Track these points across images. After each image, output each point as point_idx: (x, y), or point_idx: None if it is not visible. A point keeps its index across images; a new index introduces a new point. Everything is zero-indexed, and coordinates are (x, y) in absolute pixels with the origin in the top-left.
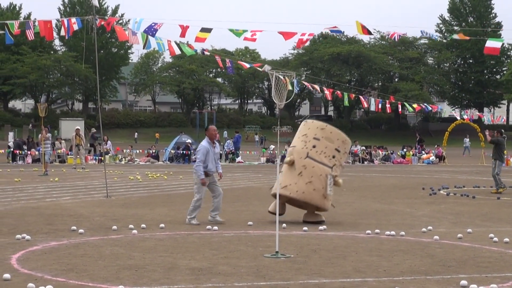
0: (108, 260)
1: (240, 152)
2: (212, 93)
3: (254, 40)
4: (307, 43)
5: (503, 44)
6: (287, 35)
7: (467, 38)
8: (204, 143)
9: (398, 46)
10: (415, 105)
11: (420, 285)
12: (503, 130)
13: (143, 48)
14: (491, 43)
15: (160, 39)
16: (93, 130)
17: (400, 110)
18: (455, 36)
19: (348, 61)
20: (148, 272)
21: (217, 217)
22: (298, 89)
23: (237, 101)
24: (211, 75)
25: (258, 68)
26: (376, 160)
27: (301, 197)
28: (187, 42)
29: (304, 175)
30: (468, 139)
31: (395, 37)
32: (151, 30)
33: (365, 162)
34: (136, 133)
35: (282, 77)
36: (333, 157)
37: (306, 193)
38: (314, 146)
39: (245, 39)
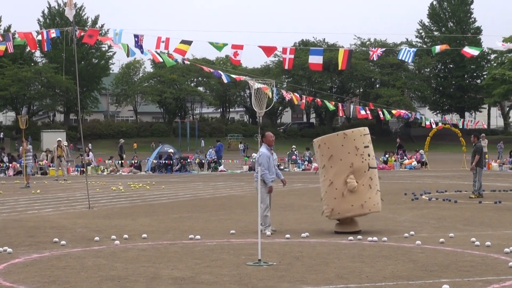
0: (90, 271)
1: (223, 160)
2: (194, 102)
3: (238, 62)
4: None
5: (482, 50)
6: (268, 51)
7: (448, 47)
8: (264, 149)
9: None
10: (394, 111)
11: None
12: (484, 134)
13: (127, 57)
14: (468, 50)
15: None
16: (122, 140)
17: (382, 116)
18: (437, 49)
19: (329, 68)
20: (131, 282)
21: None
22: (277, 97)
23: (219, 110)
24: (192, 84)
25: (241, 77)
26: None
27: (378, 208)
28: (168, 52)
29: (373, 187)
30: (502, 144)
31: (373, 57)
32: (138, 46)
33: None
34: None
35: (261, 85)
36: (368, 155)
37: (379, 203)
38: (369, 155)
39: (232, 60)
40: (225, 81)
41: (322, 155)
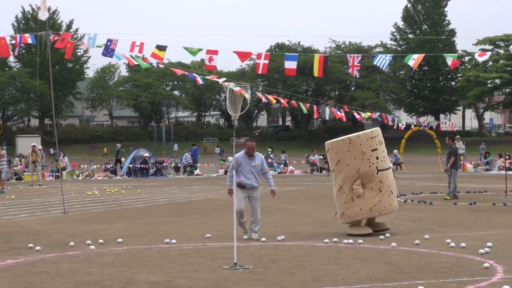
0: (66, 276)
1: (198, 164)
2: (169, 106)
3: (214, 68)
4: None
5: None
6: (243, 56)
7: (422, 57)
8: (238, 154)
9: (354, 54)
10: (368, 114)
11: None
12: (458, 136)
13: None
14: (449, 60)
15: (117, 55)
16: (119, 145)
17: (360, 116)
18: (411, 62)
19: (304, 71)
20: (106, 287)
21: (253, 234)
22: (251, 101)
23: (195, 114)
24: (168, 88)
25: (216, 79)
26: None
27: (389, 210)
28: (143, 55)
29: (384, 189)
30: (484, 146)
31: (355, 74)
32: (108, 51)
33: (323, 171)
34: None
35: (235, 89)
36: (387, 153)
37: (392, 205)
38: (377, 158)
39: (206, 66)
40: (200, 82)
41: (331, 159)
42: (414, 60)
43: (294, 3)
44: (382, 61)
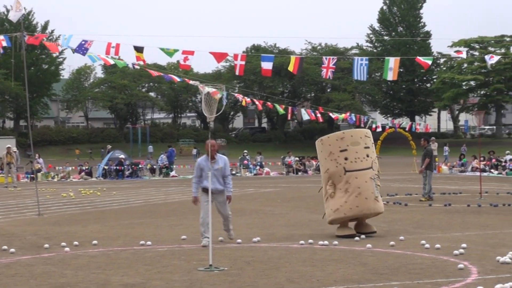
0: (40, 279)
1: (174, 166)
2: (145, 108)
3: (188, 67)
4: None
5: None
6: (219, 57)
7: (398, 61)
8: (200, 158)
9: (330, 56)
10: (343, 115)
11: None
12: (434, 138)
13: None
14: (422, 59)
15: (91, 56)
16: (109, 146)
17: (336, 115)
18: (390, 74)
19: (280, 73)
20: None
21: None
22: (225, 101)
23: (171, 115)
24: (143, 89)
25: (191, 82)
26: (309, 171)
27: (356, 212)
28: (119, 57)
29: (351, 190)
30: (447, 147)
31: (328, 75)
32: (81, 49)
33: (299, 173)
34: (77, 150)
35: (211, 90)
36: (367, 155)
37: (360, 206)
38: (346, 158)
39: (181, 66)
40: (177, 79)
41: (319, 160)
42: (391, 70)
43: (271, 5)
44: (360, 69)
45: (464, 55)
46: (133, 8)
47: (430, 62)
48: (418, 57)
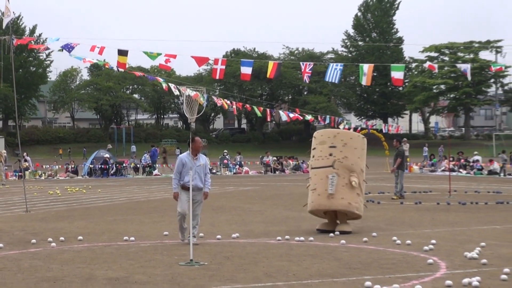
0: (27, 273)
1: (157, 165)
2: (129, 109)
3: (169, 68)
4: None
5: (405, 62)
6: (200, 61)
7: (372, 67)
8: (182, 154)
9: (307, 61)
10: (310, 116)
11: (327, 287)
12: (405, 139)
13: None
14: (395, 74)
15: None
16: (110, 146)
17: (311, 118)
18: (364, 80)
19: (259, 76)
20: (66, 283)
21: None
22: (206, 103)
23: (154, 116)
24: (128, 91)
25: (174, 89)
26: (287, 170)
27: (312, 207)
28: (104, 60)
29: (311, 186)
30: (427, 148)
31: (305, 79)
32: (67, 47)
33: (277, 172)
34: (61, 149)
35: (192, 93)
36: (330, 154)
37: (314, 202)
38: (313, 156)
39: (160, 66)
40: (160, 80)
41: None
42: (365, 75)
43: (250, 11)
44: (334, 73)
45: (436, 70)
46: (118, 14)
47: (402, 74)
48: (391, 64)
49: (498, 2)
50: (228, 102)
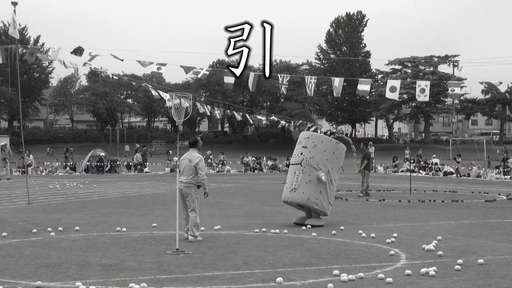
0: (28, 259)
1: (148, 163)
2: (123, 112)
3: (160, 74)
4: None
5: (372, 74)
6: (187, 69)
7: (342, 81)
8: (200, 155)
9: (283, 71)
10: (286, 121)
11: (299, 275)
12: (371, 142)
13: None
14: (362, 86)
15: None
16: (137, 145)
17: (288, 124)
18: (336, 91)
19: (241, 84)
20: (64, 269)
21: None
22: (190, 110)
23: (145, 119)
24: (122, 96)
25: (163, 95)
26: (265, 169)
27: (282, 198)
28: (101, 67)
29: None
30: (408, 151)
31: (282, 90)
32: (78, 51)
33: (256, 171)
34: (48, 148)
35: (180, 100)
36: (301, 153)
37: (283, 194)
38: (294, 154)
39: (152, 72)
40: (150, 87)
41: None
42: (336, 87)
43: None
44: (310, 86)
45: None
46: (117, 24)
47: (368, 87)
48: (359, 79)
49: (455, 22)
50: (210, 108)
